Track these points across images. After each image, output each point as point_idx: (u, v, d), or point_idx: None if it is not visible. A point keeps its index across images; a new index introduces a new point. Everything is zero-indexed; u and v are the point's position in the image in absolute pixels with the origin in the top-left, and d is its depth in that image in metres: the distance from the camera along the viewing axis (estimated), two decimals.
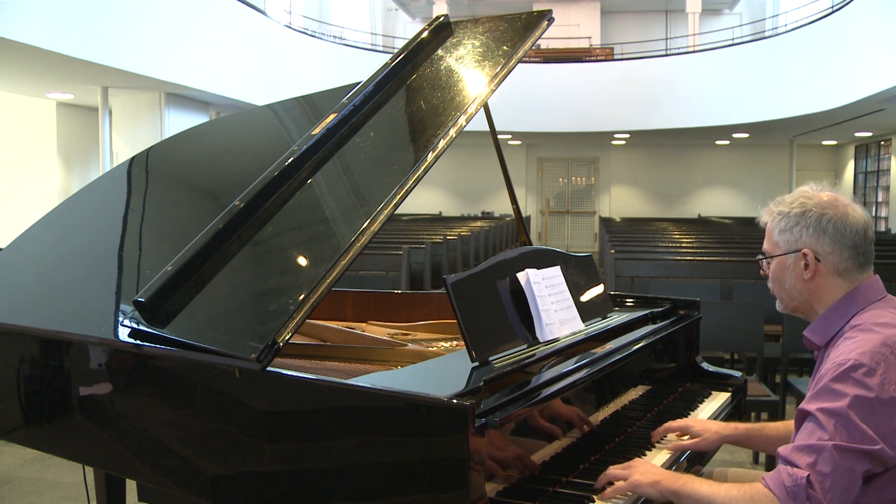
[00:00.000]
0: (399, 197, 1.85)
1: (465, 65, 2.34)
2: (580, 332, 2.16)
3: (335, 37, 16.14)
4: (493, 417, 1.48)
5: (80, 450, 2.02)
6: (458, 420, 1.39)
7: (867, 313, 1.63)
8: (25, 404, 2.13)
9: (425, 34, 2.44)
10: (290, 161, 2.01)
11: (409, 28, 20.13)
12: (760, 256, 1.79)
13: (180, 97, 10.83)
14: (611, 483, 1.69)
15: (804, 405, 1.55)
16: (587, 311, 2.29)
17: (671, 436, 2.04)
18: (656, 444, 1.98)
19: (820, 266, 1.67)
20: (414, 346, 2.37)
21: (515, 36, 2.40)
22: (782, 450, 1.53)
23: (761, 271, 1.80)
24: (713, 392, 2.54)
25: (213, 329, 1.72)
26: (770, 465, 3.73)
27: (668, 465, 1.87)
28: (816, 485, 1.43)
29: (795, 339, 4.19)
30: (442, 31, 2.49)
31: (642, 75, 14.92)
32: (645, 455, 1.91)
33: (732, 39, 15.45)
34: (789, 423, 2.01)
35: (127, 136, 10.67)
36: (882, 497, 1.50)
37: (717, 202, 19.36)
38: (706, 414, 2.33)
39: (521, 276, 2.04)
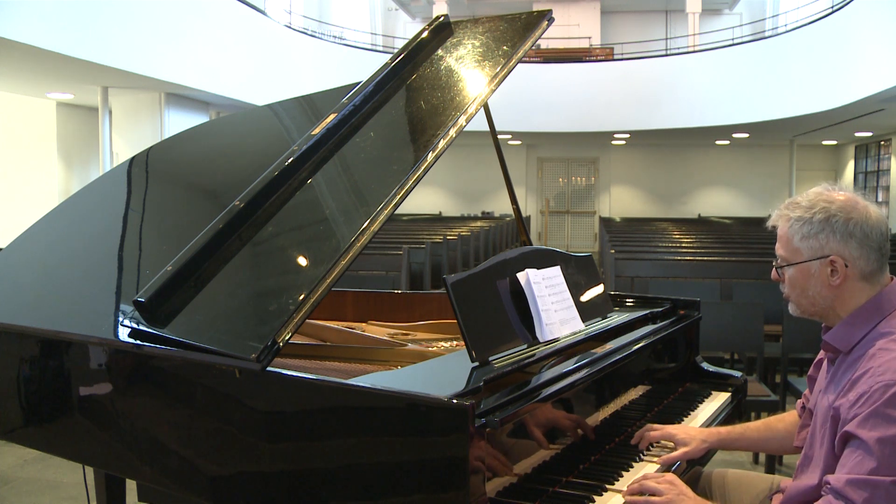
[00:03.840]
0: (399, 197, 1.84)
1: (465, 65, 2.34)
2: (580, 332, 2.16)
3: (335, 37, 16.15)
4: (492, 417, 1.48)
5: (80, 450, 2.02)
6: (459, 420, 1.39)
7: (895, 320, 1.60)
8: (25, 404, 2.13)
9: (425, 34, 2.44)
10: (290, 161, 2.01)
11: (409, 28, 20.13)
12: (779, 264, 1.71)
13: (180, 97, 10.83)
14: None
15: (853, 429, 1.48)
16: (587, 311, 2.29)
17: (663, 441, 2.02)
18: (644, 455, 1.95)
19: (848, 271, 1.62)
20: (414, 346, 2.37)
21: (515, 36, 2.40)
22: (834, 480, 1.47)
23: (773, 273, 1.75)
24: (713, 392, 2.54)
25: (213, 329, 1.72)
26: (770, 466, 3.73)
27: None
28: None
29: (795, 339, 4.19)
30: (442, 31, 2.49)
31: (642, 75, 14.92)
32: (632, 467, 1.86)
33: (732, 39, 15.45)
34: (769, 422, 2.01)
35: (127, 136, 10.67)
36: None
37: (717, 202, 19.37)
38: (706, 414, 2.33)
39: (521, 276, 2.04)
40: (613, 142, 18.51)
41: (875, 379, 1.49)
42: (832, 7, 11.89)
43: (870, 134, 15.86)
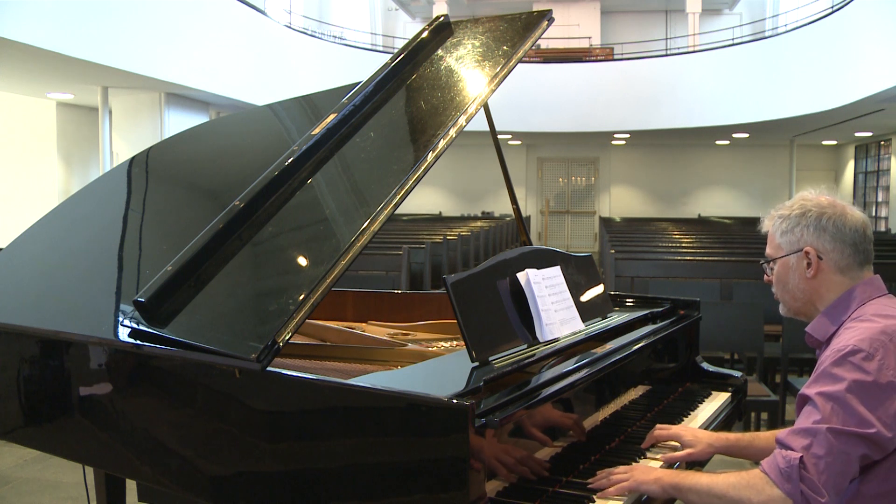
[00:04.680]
0: (399, 197, 1.84)
1: (465, 65, 2.34)
2: (580, 332, 2.15)
3: (335, 37, 16.14)
4: (493, 417, 1.48)
5: (80, 450, 2.02)
6: (459, 420, 1.39)
7: (867, 307, 1.66)
8: (26, 404, 2.13)
9: (425, 34, 2.44)
10: (290, 161, 2.01)
11: (409, 28, 20.12)
12: (763, 261, 1.81)
13: (180, 97, 10.83)
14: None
15: (803, 390, 1.58)
16: (587, 311, 2.29)
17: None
18: (647, 454, 1.96)
19: (822, 264, 1.70)
20: (414, 346, 2.37)
21: (515, 36, 2.40)
22: (780, 434, 1.55)
23: (765, 277, 1.83)
24: (713, 392, 2.53)
25: (213, 329, 1.72)
26: None
27: None
28: (810, 466, 1.46)
29: (795, 339, 4.19)
30: (442, 31, 2.49)
31: (642, 75, 14.92)
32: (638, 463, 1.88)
33: (732, 39, 15.45)
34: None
35: (127, 136, 10.67)
36: (883, 486, 1.51)
37: (717, 202, 19.36)
38: (706, 414, 2.33)
39: (521, 276, 2.04)
40: (613, 142, 18.51)
41: (832, 349, 1.58)
42: (832, 7, 11.89)
43: (870, 134, 15.85)
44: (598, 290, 2.45)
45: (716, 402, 2.45)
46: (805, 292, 1.74)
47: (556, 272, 2.18)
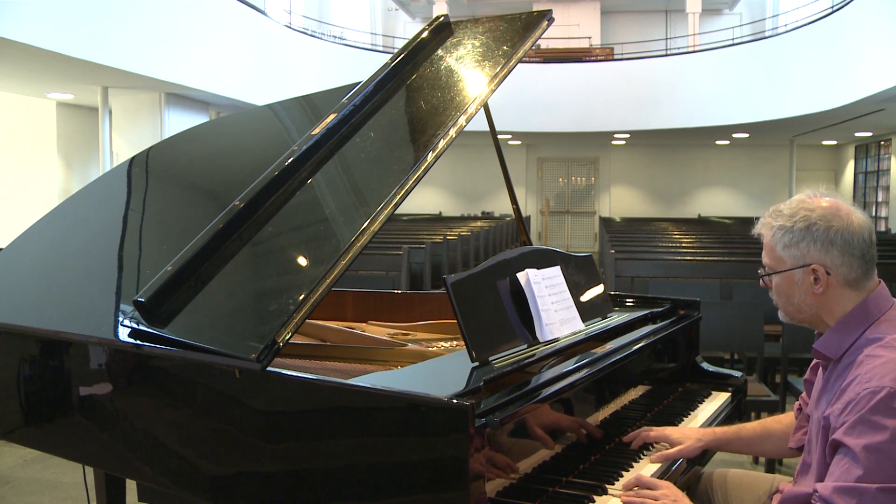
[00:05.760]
0: (399, 197, 1.85)
1: (465, 65, 2.34)
2: (580, 332, 2.16)
3: (335, 37, 16.14)
4: (493, 417, 1.48)
5: (80, 450, 2.02)
6: (458, 420, 1.39)
7: (883, 325, 1.60)
8: (25, 404, 2.13)
9: (425, 34, 2.44)
10: (290, 161, 2.01)
11: (409, 28, 20.13)
12: (764, 272, 1.72)
13: (180, 97, 10.83)
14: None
15: (840, 436, 1.49)
16: (587, 311, 2.29)
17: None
18: (643, 456, 1.95)
19: (830, 279, 1.62)
20: (414, 346, 2.37)
21: (515, 36, 2.40)
22: (822, 489, 1.48)
23: (761, 283, 1.75)
24: (713, 392, 2.54)
25: (213, 329, 1.72)
26: (770, 466, 3.73)
27: (661, 475, 1.83)
28: None
29: (795, 339, 4.19)
30: (442, 31, 2.49)
31: (642, 75, 14.92)
32: (632, 467, 1.86)
33: (732, 39, 15.45)
34: (766, 423, 2.01)
35: (127, 136, 10.67)
36: None
37: (717, 202, 19.37)
38: (706, 414, 2.33)
39: (521, 276, 2.04)
40: (613, 142, 18.51)
41: (861, 386, 1.49)
42: (832, 7, 11.89)
43: (870, 134, 15.85)
44: (598, 290, 2.45)
45: (716, 402, 2.45)
46: (812, 307, 1.66)
47: (556, 272, 2.18)
